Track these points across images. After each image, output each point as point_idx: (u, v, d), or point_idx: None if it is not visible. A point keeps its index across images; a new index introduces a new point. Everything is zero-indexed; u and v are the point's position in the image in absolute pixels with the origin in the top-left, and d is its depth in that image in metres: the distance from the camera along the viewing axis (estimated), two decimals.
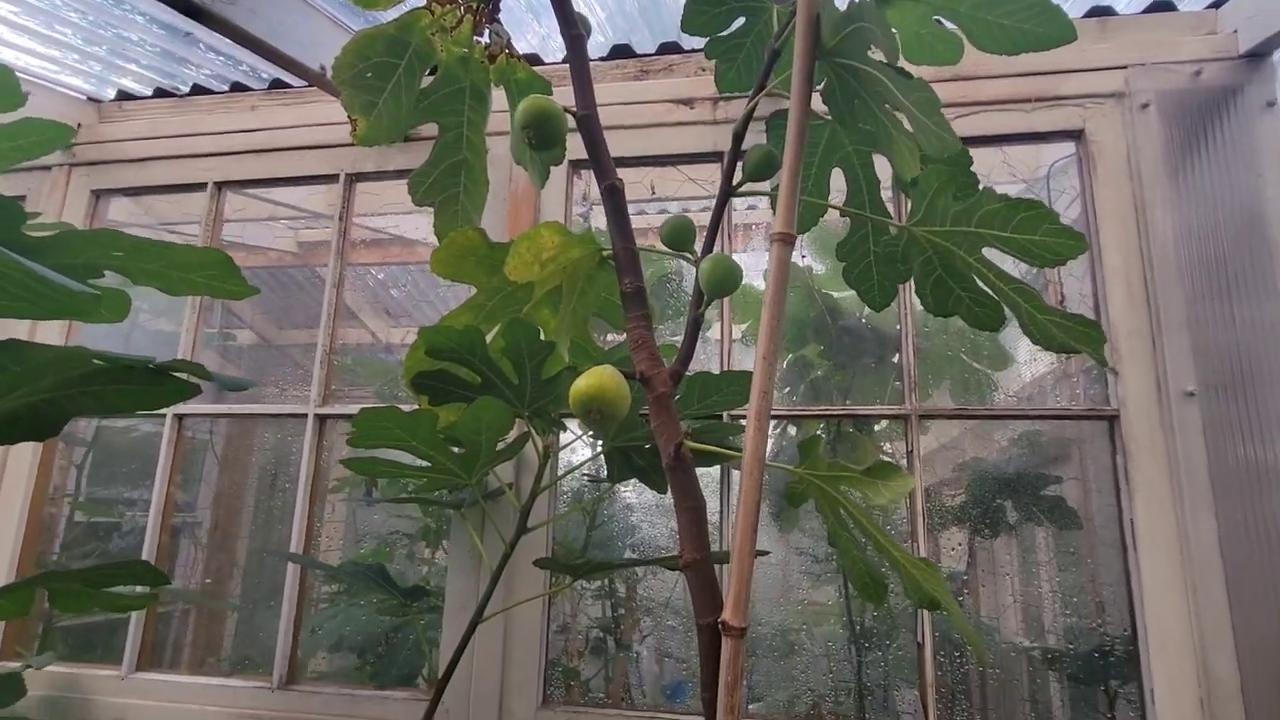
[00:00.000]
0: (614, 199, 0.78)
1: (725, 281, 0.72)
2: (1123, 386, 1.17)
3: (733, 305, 1.36)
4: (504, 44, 1.06)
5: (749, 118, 0.77)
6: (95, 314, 0.79)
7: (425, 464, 0.94)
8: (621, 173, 0.81)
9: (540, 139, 0.76)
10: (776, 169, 0.77)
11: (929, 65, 0.85)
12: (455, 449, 0.97)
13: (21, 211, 0.84)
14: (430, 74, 1.02)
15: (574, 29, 0.85)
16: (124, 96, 1.67)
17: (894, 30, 0.83)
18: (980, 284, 0.73)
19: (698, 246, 0.80)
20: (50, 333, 1.52)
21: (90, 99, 1.67)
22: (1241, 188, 1.19)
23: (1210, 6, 1.29)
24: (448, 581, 1.23)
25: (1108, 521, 1.23)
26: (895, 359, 1.47)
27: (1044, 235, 0.64)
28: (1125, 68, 1.26)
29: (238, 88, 1.62)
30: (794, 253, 1.71)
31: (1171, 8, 1.31)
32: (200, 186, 1.56)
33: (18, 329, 1.47)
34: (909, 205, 0.77)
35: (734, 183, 0.77)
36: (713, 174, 1.48)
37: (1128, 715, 1.19)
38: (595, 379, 0.66)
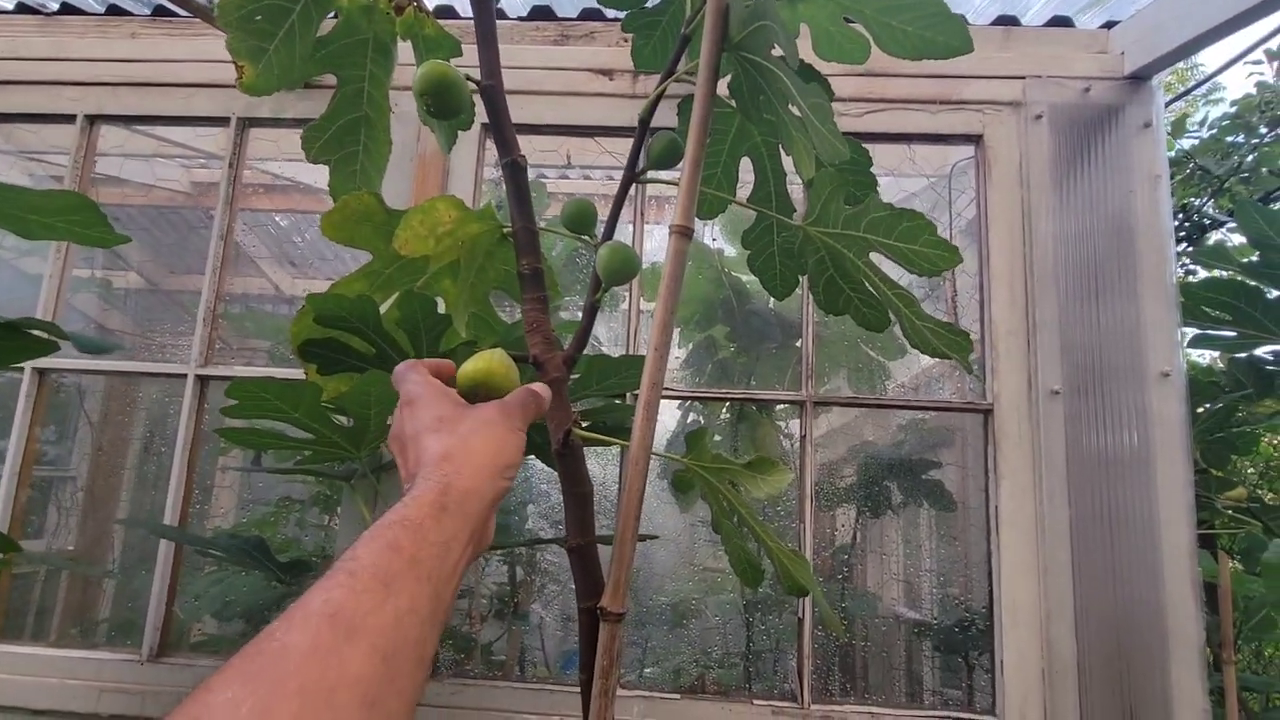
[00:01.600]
0: (515, 176, 0.76)
1: (622, 270, 0.72)
2: (998, 382, 1.25)
3: (641, 282, 1.36)
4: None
5: (656, 102, 0.76)
6: None
7: (309, 436, 0.91)
8: (537, 140, 0.79)
9: (439, 108, 0.73)
10: (680, 157, 0.77)
11: (838, 62, 0.87)
12: (343, 420, 0.94)
13: None
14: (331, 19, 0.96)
15: None
16: None
17: (805, 25, 0.84)
18: (868, 286, 0.76)
19: (599, 231, 0.79)
20: None
21: None
22: (1116, 200, 1.28)
23: (1103, 26, 1.37)
24: (337, 553, 1.20)
25: (978, 506, 1.32)
26: (798, 344, 1.52)
27: (923, 245, 0.67)
28: (1023, 78, 1.32)
29: (115, 11, 1.47)
30: (705, 235, 1.72)
31: (1070, 24, 1.37)
32: (69, 118, 1.41)
33: None
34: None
35: (637, 170, 0.76)
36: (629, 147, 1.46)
37: (982, 682, 1.29)
38: (484, 363, 0.64)
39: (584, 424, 0.73)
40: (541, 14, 1.43)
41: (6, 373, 1.76)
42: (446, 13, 1.45)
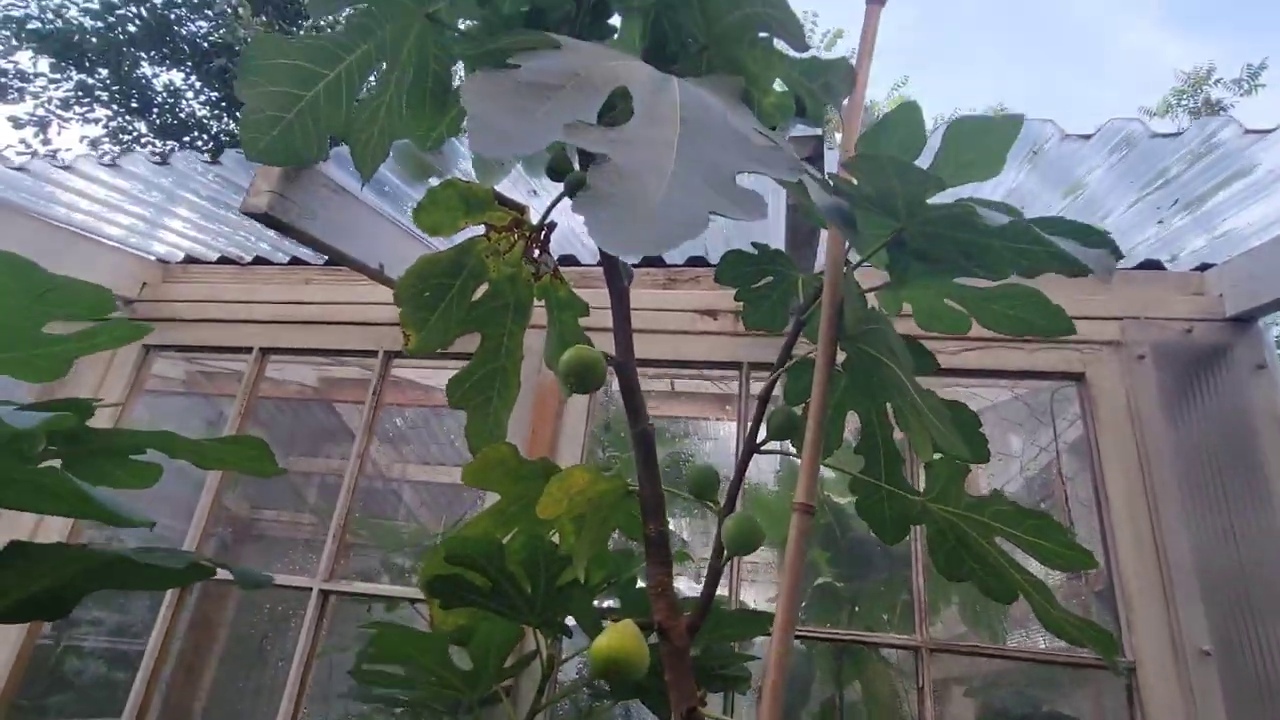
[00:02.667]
0: (644, 444, 0.83)
1: (747, 541, 0.75)
2: (1136, 637, 1.16)
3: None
4: (550, 269, 1.16)
5: (772, 385, 0.83)
6: (129, 520, 0.82)
7: (433, 679, 0.93)
8: (643, 373, 0.86)
9: (581, 386, 0.82)
10: (795, 429, 0.83)
11: (942, 332, 0.93)
12: (462, 668, 0.96)
13: (89, 408, 0.90)
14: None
15: (619, 280, 0.94)
16: (190, 260, 1.81)
17: (909, 305, 0.92)
18: (992, 561, 0.75)
19: (721, 499, 0.83)
20: None
21: (159, 260, 1.81)
22: (1237, 441, 1.24)
23: (1197, 269, 1.41)
24: None
25: None
26: (906, 573, 1.47)
27: (1054, 544, 0.67)
28: (1121, 319, 1.35)
29: (296, 261, 1.76)
30: None
31: (1160, 267, 1.42)
32: (246, 350, 1.65)
33: None
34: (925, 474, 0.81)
35: (758, 440, 0.82)
36: (730, 377, 1.56)
37: None
38: (617, 639, 0.67)
39: (703, 700, 0.72)
40: (651, 261, 1.61)
41: None
42: (569, 260, 1.65)
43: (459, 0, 0.92)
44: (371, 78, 1.01)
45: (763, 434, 0.83)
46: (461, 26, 0.98)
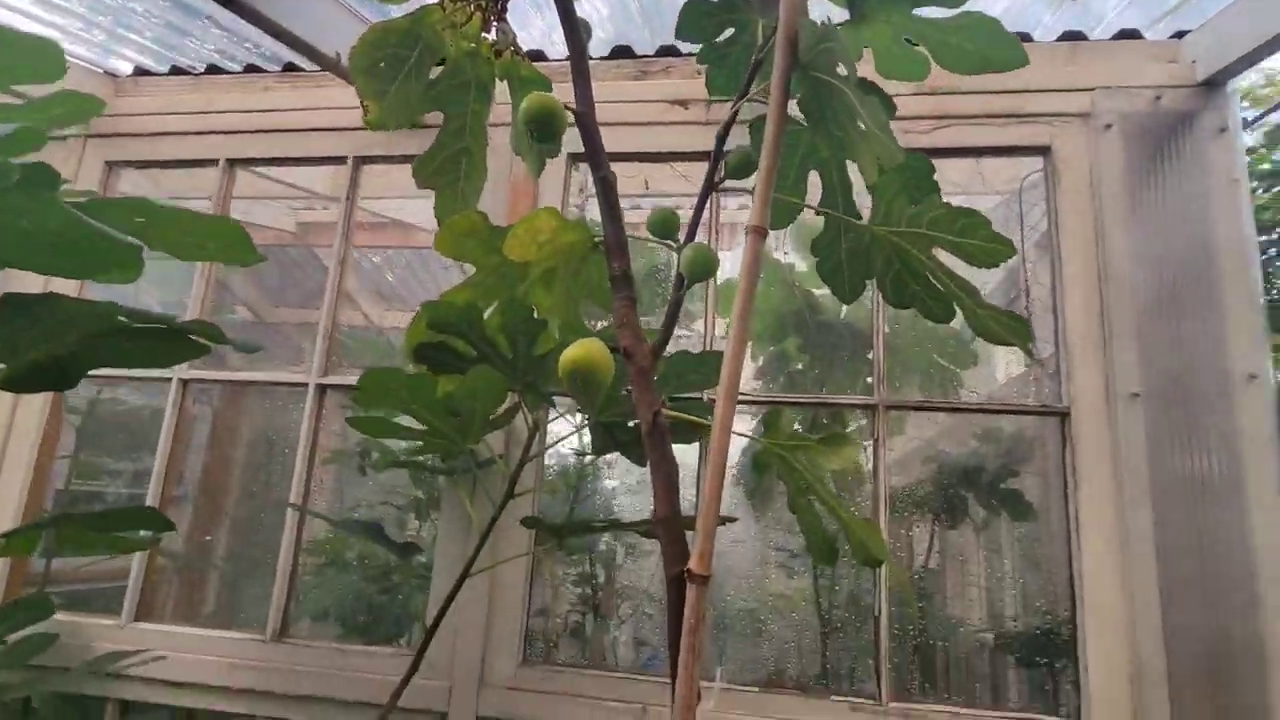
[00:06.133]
0: (606, 189, 0.86)
1: (703, 267, 0.80)
2: (1074, 386, 1.26)
3: (718, 301, 1.44)
4: (510, 42, 1.13)
5: (732, 121, 0.84)
6: (132, 268, 0.85)
7: (423, 428, 1.02)
8: (617, 167, 0.88)
9: (542, 133, 0.84)
10: (754, 168, 0.85)
11: (901, 80, 0.94)
12: (453, 416, 1.04)
13: (57, 177, 0.91)
14: (439, 66, 1.10)
15: (577, 33, 0.92)
16: (140, 73, 1.73)
17: (869, 46, 0.91)
18: (932, 280, 0.81)
19: (681, 237, 0.87)
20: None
21: (107, 73, 1.73)
22: (1193, 206, 1.28)
23: (1174, 36, 1.38)
24: (438, 545, 1.31)
25: (1058, 513, 1.32)
26: (869, 355, 1.56)
27: (980, 239, 0.72)
28: (1091, 90, 1.35)
29: (251, 69, 1.69)
30: (776, 250, 1.79)
31: (1138, 36, 1.40)
32: (212, 163, 1.62)
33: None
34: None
35: (716, 179, 0.85)
36: (704, 171, 1.56)
37: (1065, 687, 1.28)
38: (583, 349, 0.73)
39: (664, 404, 0.80)
40: (621, 53, 1.56)
41: (129, 399, 1.99)
42: (537, 55, 1.59)
43: None
44: None
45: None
46: None
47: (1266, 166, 4.34)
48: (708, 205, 0.91)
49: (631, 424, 1.19)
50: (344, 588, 1.83)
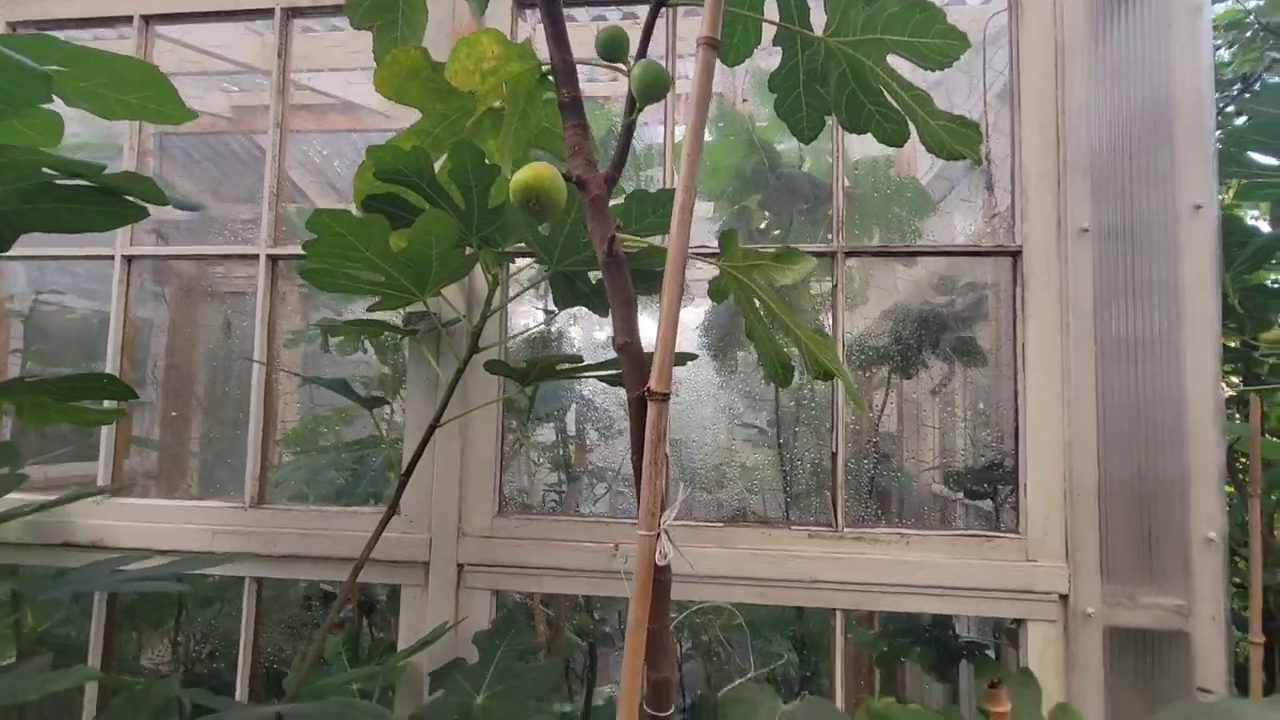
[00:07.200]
0: (552, 11, 0.81)
1: (654, 86, 0.77)
2: (1028, 225, 1.28)
3: (673, 155, 1.40)
4: None
5: None
6: (39, 94, 0.79)
7: (379, 278, 1.00)
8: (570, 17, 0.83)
9: None
10: None
11: None
12: (408, 267, 1.03)
13: None
14: None
15: None
16: None
17: None
18: (888, 97, 0.80)
19: (632, 58, 0.84)
20: None
21: None
22: (1152, 37, 1.26)
23: None
24: (407, 405, 1.33)
25: (1007, 355, 1.37)
26: (830, 212, 1.56)
27: (934, 36, 0.70)
28: None
29: None
30: (736, 101, 1.73)
31: None
32: (125, 20, 1.49)
33: None
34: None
35: None
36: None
37: (1007, 508, 1.38)
38: (533, 170, 0.72)
39: (620, 227, 0.80)
40: None
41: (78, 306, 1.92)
42: None
43: None
44: None
45: None
46: None
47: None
48: (663, 29, 0.87)
49: (593, 275, 1.18)
50: (319, 469, 1.86)
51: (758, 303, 0.80)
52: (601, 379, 1.19)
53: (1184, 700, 1.16)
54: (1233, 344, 1.59)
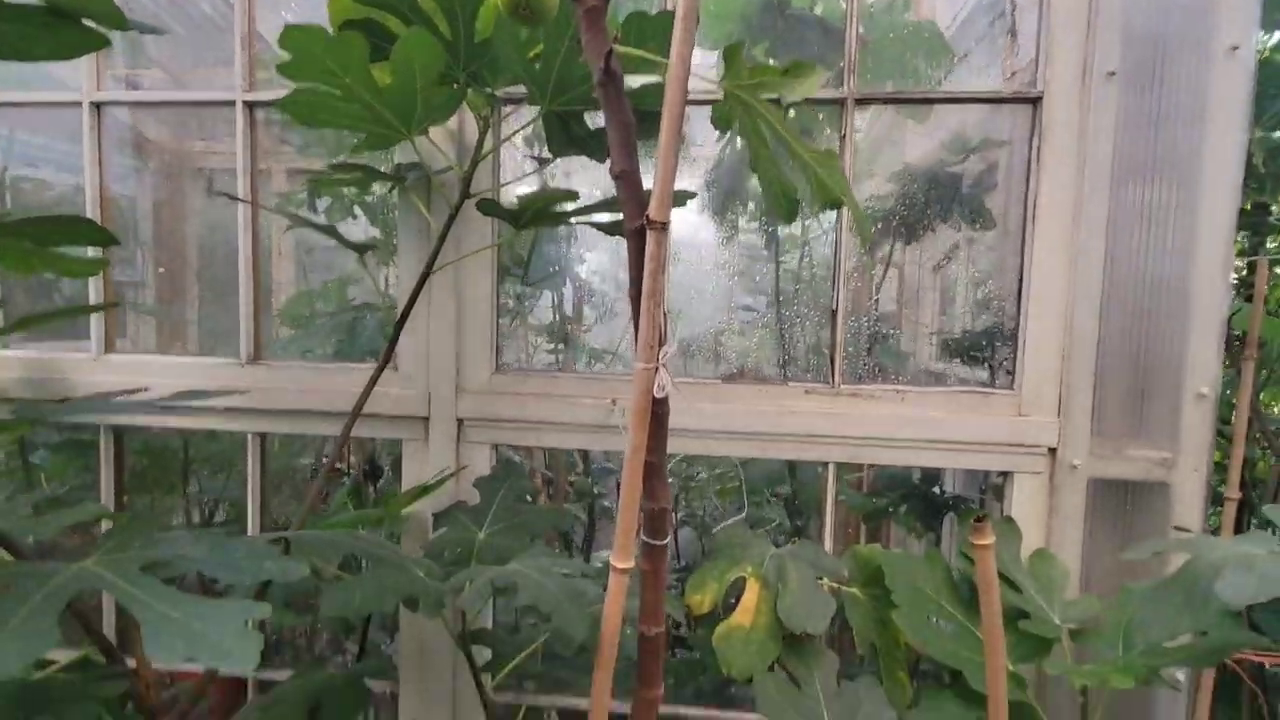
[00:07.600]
0: None
1: None
2: (1051, 70, 1.20)
3: None
4: None
5: None
6: None
7: (361, 112, 0.94)
8: None
9: None
10: None
11: None
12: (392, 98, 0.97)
13: None
14: None
15: None
16: None
17: None
18: None
19: None
20: None
21: None
22: None
23: None
24: (399, 257, 1.29)
25: (1017, 216, 1.33)
26: (841, 64, 1.47)
27: None
28: None
29: None
30: None
31: None
32: None
33: None
34: None
35: None
36: None
37: (1005, 367, 1.38)
38: None
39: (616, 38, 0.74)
40: None
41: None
42: None
43: None
44: None
45: None
46: None
47: None
48: None
49: (589, 118, 1.12)
50: (317, 335, 1.85)
51: (764, 127, 0.75)
52: (600, 228, 1.15)
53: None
54: (1245, 207, 1.55)
